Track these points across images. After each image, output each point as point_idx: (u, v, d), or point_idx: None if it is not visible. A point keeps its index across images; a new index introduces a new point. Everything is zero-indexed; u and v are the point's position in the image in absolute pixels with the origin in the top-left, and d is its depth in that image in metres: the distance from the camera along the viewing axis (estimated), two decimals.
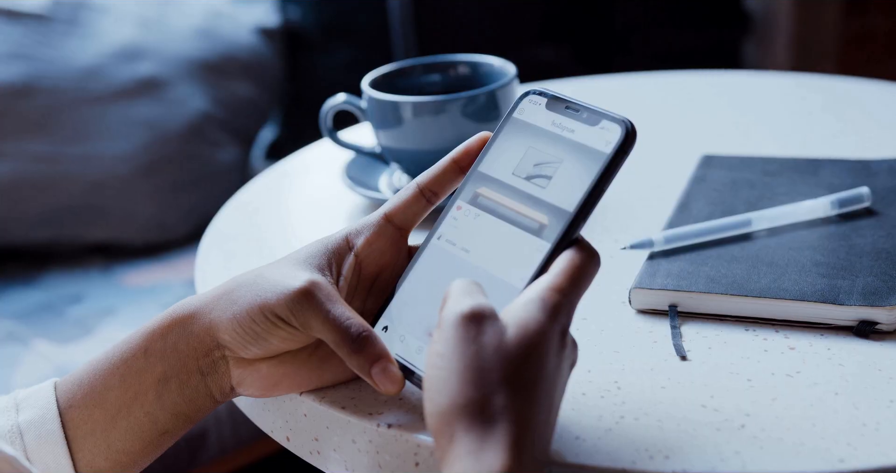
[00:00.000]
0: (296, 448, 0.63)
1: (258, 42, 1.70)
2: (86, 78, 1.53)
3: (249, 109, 1.69)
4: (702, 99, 1.10)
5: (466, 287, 0.52)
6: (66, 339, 1.33)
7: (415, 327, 0.57)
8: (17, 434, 0.57)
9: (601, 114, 0.55)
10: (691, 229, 0.71)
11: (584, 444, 0.54)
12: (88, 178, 1.52)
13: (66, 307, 1.42)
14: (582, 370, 0.60)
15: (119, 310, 1.39)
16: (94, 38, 1.57)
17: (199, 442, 1.23)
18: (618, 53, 1.97)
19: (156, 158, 1.55)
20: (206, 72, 1.62)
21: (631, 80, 1.19)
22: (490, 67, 0.89)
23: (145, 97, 1.56)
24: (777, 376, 0.59)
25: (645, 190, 0.86)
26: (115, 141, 1.53)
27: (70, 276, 1.50)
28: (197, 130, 1.58)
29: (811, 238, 0.71)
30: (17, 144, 1.50)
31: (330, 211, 0.89)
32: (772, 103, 1.07)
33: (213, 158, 1.60)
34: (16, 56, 1.52)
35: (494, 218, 0.56)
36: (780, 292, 0.64)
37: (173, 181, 1.56)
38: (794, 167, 0.83)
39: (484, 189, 0.57)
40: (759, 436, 0.54)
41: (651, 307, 0.67)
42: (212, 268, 0.80)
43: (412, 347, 0.56)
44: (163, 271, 1.51)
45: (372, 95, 0.84)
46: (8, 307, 1.41)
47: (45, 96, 1.51)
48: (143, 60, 1.57)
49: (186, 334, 0.57)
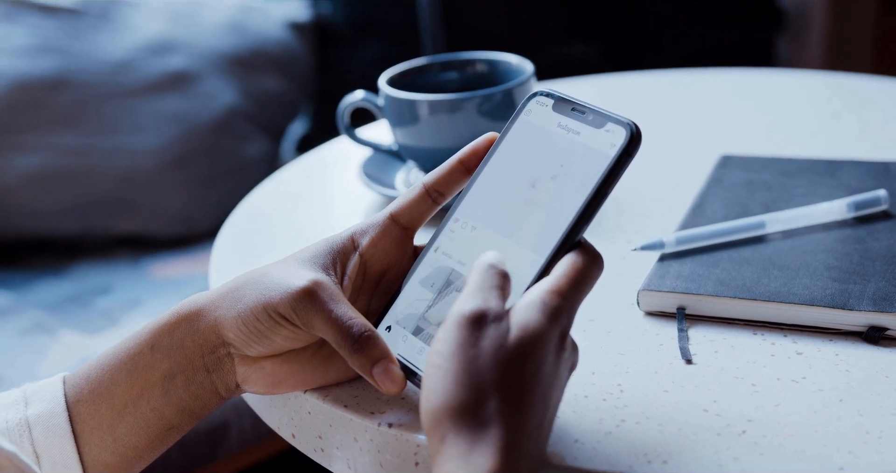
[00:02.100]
0: (301, 445, 0.64)
1: (288, 36, 1.71)
2: (116, 72, 1.55)
3: (278, 104, 1.70)
4: (727, 98, 1.09)
5: (483, 280, 0.51)
6: (93, 330, 1.35)
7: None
8: (25, 428, 0.57)
9: (607, 116, 0.55)
10: (703, 231, 0.71)
11: (583, 447, 0.54)
12: (118, 170, 1.53)
13: (94, 298, 1.43)
14: (586, 372, 0.60)
15: (146, 302, 1.41)
16: (126, 32, 1.58)
17: (221, 435, 1.24)
18: (648, 51, 1.96)
19: (185, 152, 1.56)
20: (235, 66, 1.63)
21: (657, 77, 1.18)
22: (508, 65, 0.88)
23: (175, 91, 1.57)
24: (782, 381, 0.58)
25: (663, 190, 0.85)
26: (144, 134, 1.55)
27: (98, 267, 1.52)
28: (226, 123, 1.60)
29: (825, 241, 0.70)
30: (49, 137, 1.52)
31: (346, 208, 0.89)
32: (797, 103, 1.06)
33: (241, 151, 1.61)
34: (48, 50, 1.54)
35: (490, 232, 0.56)
36: (789, 297, 0.63)
37: (202, 175, 1.58)
38: (813, 169, 0.82)
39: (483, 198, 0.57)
40: (759, 442, 0.53)
41: (659, 310, 0.66)
42: (226, 263, 0.81)
43: (415, 347, 0.56)
44: (190, 263, 1.52)
45: (388, 92, 0.84)
46: (37, 298, 1.43)
47: (76, 90, 1.53)
48: (174, 54, 1.58)
49: (192, 331, 0.58)
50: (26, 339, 1.32)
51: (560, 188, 0.54)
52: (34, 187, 1.51)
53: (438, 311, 0.56)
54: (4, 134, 1.51)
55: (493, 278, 0.51)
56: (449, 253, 0.57)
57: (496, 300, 0.50)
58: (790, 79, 1.16)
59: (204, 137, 1.58)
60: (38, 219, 1.53)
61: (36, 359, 1.27)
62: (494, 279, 0.51)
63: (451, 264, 0.57)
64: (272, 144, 1.69)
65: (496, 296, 0.50)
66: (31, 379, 0.61)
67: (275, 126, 1.70)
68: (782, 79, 1.16)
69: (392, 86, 0.86)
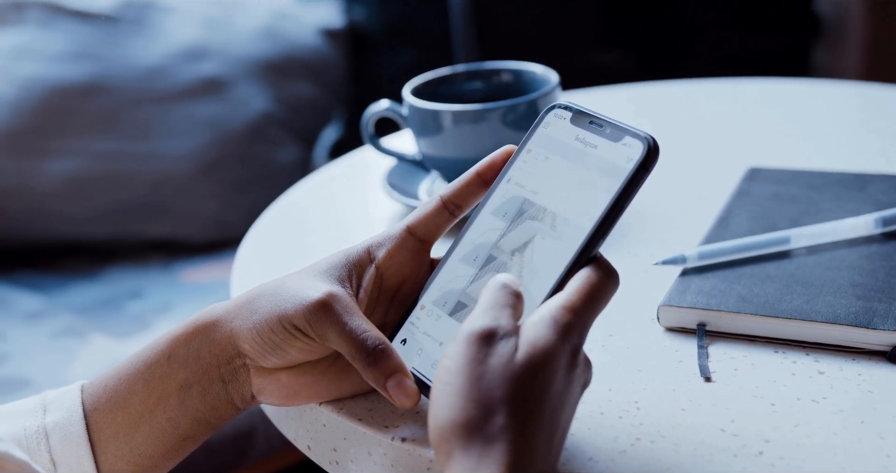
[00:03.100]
0: (316, 457, 0.64)
1: (322, 43, 1.72)
2: (150, 77, 1.56)
3: (311, 110, 1.70)
4: (758, 108, 1.08)
5: (495, 298, 0.51)
6: (123, 334, 1.36)
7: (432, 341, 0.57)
8: (42, 435, 0.58)
9: (624, 130, 0.54)
10: (726, 246, 0.70)
11: (597, 466, 0.53)
12: (151, 175, 1.55)
13: (125, 302, 1.45)
14: (602, 389, 0.60)
15: (177, 306, 1.42)
16: (160, 38, 1.60)
17: (247, 442, 1.24)
18: (683, 58, 1.94)
19: (217, 157, 1.57)
20: (269, 72, 1.63)
21: (688, 86, 1.17)
22: (533, 75, 0.88)
23: (208, 97, 1.58)
24: (803, 401, 0.57)
25: (688, 202, 0.84)
26: (177, 140, 1.56)
27: (131, 271, 1.53)
28: (259, 129, 1.60)
29: (851, 258, 0.69)
30: (83, 142, 1.53)
31: (370, 217, 0.89)
32: (830, 114, 1.05)
33: (273, 157, 1.62)
34: (84, 56, 1.55)
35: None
36: (811, 314, 0.62)
37: (234, 180, 1.58)
38: (841, 182, 0.81)
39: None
40: (776, 464, 0.52)
41: (679, 325, 0.65)
42: (249, 271, 0.81)
43: (429, 361, 0.56)
44: (221, 268, 1.53)
45: (412, 102, 0.84)
46: (69, 301, 1.44)
47: (111, 95, 1.54)
48: (207, 60, 1.59)
49: (209, 341, 0.58)
50: (57, 342, 1.34)
51: (575, 204, 0.54)
52: (68, 191, 1.53)
53: (480, 287, 0.55)
54: (40, 139, 1.52)
55: (506, 298, 0.51)
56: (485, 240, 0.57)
57: (507, 319, 0.50)
58: (823, 89, 1.14)
59: (237, 143, 1.59)
60: (71, 223, 1.55)
61: (65, 362, 1.28)
62: (507, 298, 0.51)
63: (493, 239, 0.56)
64: (304, 150, 1.69)
65: (507, 315, 0.50)
66: (59, 383, 0.61)
67: (307, 132, 1.71)
68: (815, 89, 1.15)
69: (416, 96, 0.85)
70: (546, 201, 0.55)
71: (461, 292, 0.56)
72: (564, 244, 0.53)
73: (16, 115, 1.52)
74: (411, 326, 0.58)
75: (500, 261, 0.55)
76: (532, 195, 0.56)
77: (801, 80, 1.18)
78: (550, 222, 0.54)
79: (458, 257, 0.57)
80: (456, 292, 0.57)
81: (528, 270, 0.54)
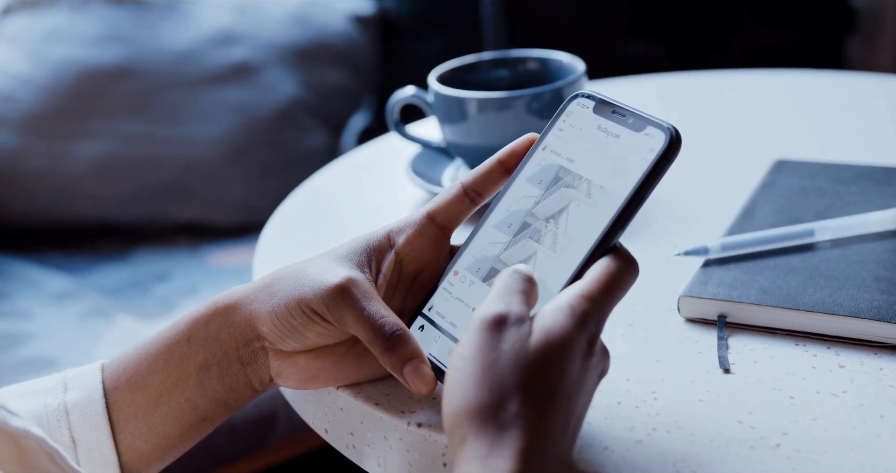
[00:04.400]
0: (333, 440, 0.64)
1: (352, 29, 1.72)
2: (181, 62, 1.57)
3: (340, 96, 1.71)
4: (787, 100, 1.07)
5: (507, 285, 0.51)
6: (149, 316, 1.37)
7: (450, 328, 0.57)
8: (63, 413, 0.58)
9: (647, 120, 0.54)
10: (749, 238, 0.70)
11: (612, 455, 0.53)
12: (180, 159, 1.56)
13: (152, 284, 1.46)
14: (621, 379, 0.59)
15: (203, 289, 1.43)
16: (191, 23, 1.60)
17: (269, 425, 1.25)
18: (714, 51, 1.93)
19: (246, 142, 1.58)
20: (298, 58, 1.64)
21: (717, 78, 1.16)
22: (559, 63, 0.88)
23: (238, 82, 1.59)
24: (822, 394, 0.57)
25: (714, 193, 0.84)
26: (207, 124, 1.56)
27: (158, 254, 1.55)
28: (287, 115, 1.61)
29: (876, 251, 0.69)
30: (113, 125, 1.54)
31: (393, 203, 0.89)
32: (860, 107, 1.04)
33: (302, 143, 1.63)
34: (115, 39, 1.56)
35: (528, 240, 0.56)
36: (833, 308, 0.62)
37: (262, 165, 1.59)
38: (869, 176, 0.80)
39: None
40: (793, 457, 0.52)
41: (700, 316, 0.65)
42: (271, 255, 0.81)
43: (446, 348, 0.56)
44: (247, 252, 1.54)
45: (438, 90, 0.84)
46: (97, 282, 1.46)
47: (142, 79, 1.55)
48: (238, 46, 1.60)
49: (228, 323, 0.58)
50: (84, 322, 1.35)
51: (596, 193, 0.54)
52: (98, 173, 1.54)
53: (514, 253, 0.55)
54: (71, 121, 1.54)
55: (519, 283, 0.51)
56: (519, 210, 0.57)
57: (519, 305, 0.50)
58: (852, 82, 1.13)
59: (265, 128, 1.59)
60: (100, 205, 1.56)
61: (92, 343, 1.29)
62: (520, 284, 0.51)
63: (527, 206, 0.56)
64: (333, 136, 1.70)
65: (519, 300, 0.50)
66: (85, 363, 0.62)
67: (336, 119, 1.71)
68: (844, 82, 1.13)
69: (442, 83, 0.85)
70: (582, 169, 0.55)
71: (495, 259, 0.56)
72: (600, 212, 0.53)
73: (47, 97, 1.53)
74: (444, 292, 0.58)
75: (534, 228, 0.55)
76: (568, 163, 0.56)
77: (830, 72, 1.17)
78: (586, 189, 0.54)
79: (493, 224, 0.57)
80: (489, 258, 0.57)
81: (562, 237, 0.54)
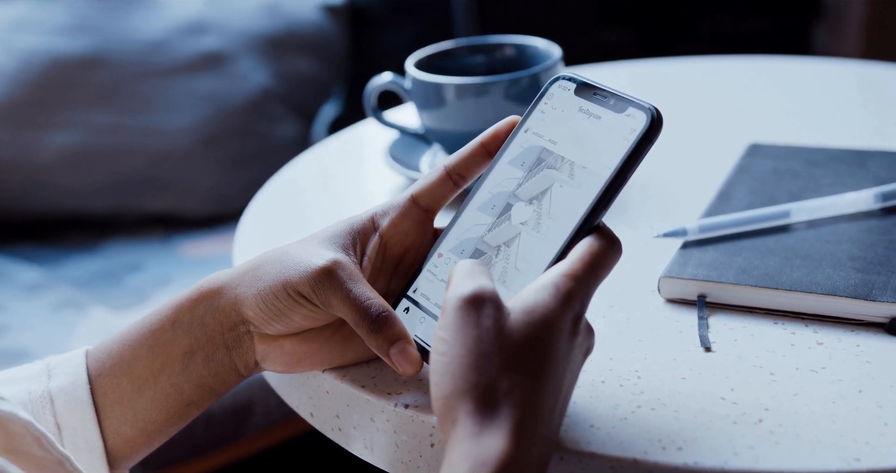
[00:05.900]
0: (319, 424, 0.64)
1: (322, 18, 1.71)
2: (151, 51, 1.56)
3: (311, 85, 1.70)
4: (758, 86, 1.08)
5: (470, 268, 0.52)
6: (122, 306, 1.36)
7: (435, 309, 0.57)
8: (47, 400, 0.58)
9: (628, 101, 0.54)
10: (727, 219, 0.70)
11: (598, 433, 0.54)
12: (151, 149, 1.55)
13: (124, 275, 1.45)
14: (603, 358, 0.60)
15: (175, 280, 1.42)
16: (161, 12, 1.59)
17: (246, 413, 1.25)
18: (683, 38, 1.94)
19: (217, 132, 1.57)
20: (269, 47, 1.63)
21: (688, 64, 1.17)
22: (536, 49, 0.88)
23: (209, 71, 1.58)
24: (801, 371, 0.58)
25: (689, 177, 0.85)
26: (177, 114, 1.56)
27: (130, 245, 1.54)
28: (259, 104, 1.60)
29: (850, 232, 0.70)
30: (83, 115, 1.53)
31: (372, 189, 0.90)
32: (829, 92, 1.05)
33: (273, 132, 1.62)
34: (84, 29, 1.55)
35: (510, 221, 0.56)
36: (811, 286, 0.63)
37: (234, 155, 1.59)
38: (842, 158, 0.81)
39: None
40: (775, 431, 0.53)
41: (680, 297, 0.66)
42: (251, 242, 0.81)
43: (431, 329, 0.57)
44: (220, 243, 1.53)
45: (415, 75, 0.84)
46: (68, 274, 1.45)
47: (111, 69, 1.54)
48: (208, 35, 1.59)
49: (213, 308, 0.58)
50: (56, 314, 1.34)
51: (578, 174, 0.54)
52: (68, 164, 1.53)
53: (498, 235, 0.56)
54: (40, 111, 1.52)
55: (476, 265, 0.52)
56: (503, 186, 0.57)
57: (490, 283, 0.50)
58: (822, 67, 1.15)
59: (236, 118, 1.58)
60: (71, 196, 1.55)
61: (65, 334, 1.29)
62: (478, 266, 0.52)
63: (510, 188, 0.57)
64: (304, 125, 1.69)
65: (488, 278, 0.51)
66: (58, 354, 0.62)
67: (307, 108, 1.71)
68: (814, 67, 1.15)
69: (419, 69, 0.86)
70: (564, 151, 0.55)
71: (478, 240, 0.57)
72: (583, 192, 0.54)
73: (15, 87, 1.52)
74: (428, 274, 0.58)
75: (517, 209, 0.56)
76: (550, 145, 0.56)
77: (800, 58, 1.18)
78: (569, 170, 0.55)
79: (476, 206, 0.58)
80: (473, 240, 0.57)
81: (545, 217, 0.55)
